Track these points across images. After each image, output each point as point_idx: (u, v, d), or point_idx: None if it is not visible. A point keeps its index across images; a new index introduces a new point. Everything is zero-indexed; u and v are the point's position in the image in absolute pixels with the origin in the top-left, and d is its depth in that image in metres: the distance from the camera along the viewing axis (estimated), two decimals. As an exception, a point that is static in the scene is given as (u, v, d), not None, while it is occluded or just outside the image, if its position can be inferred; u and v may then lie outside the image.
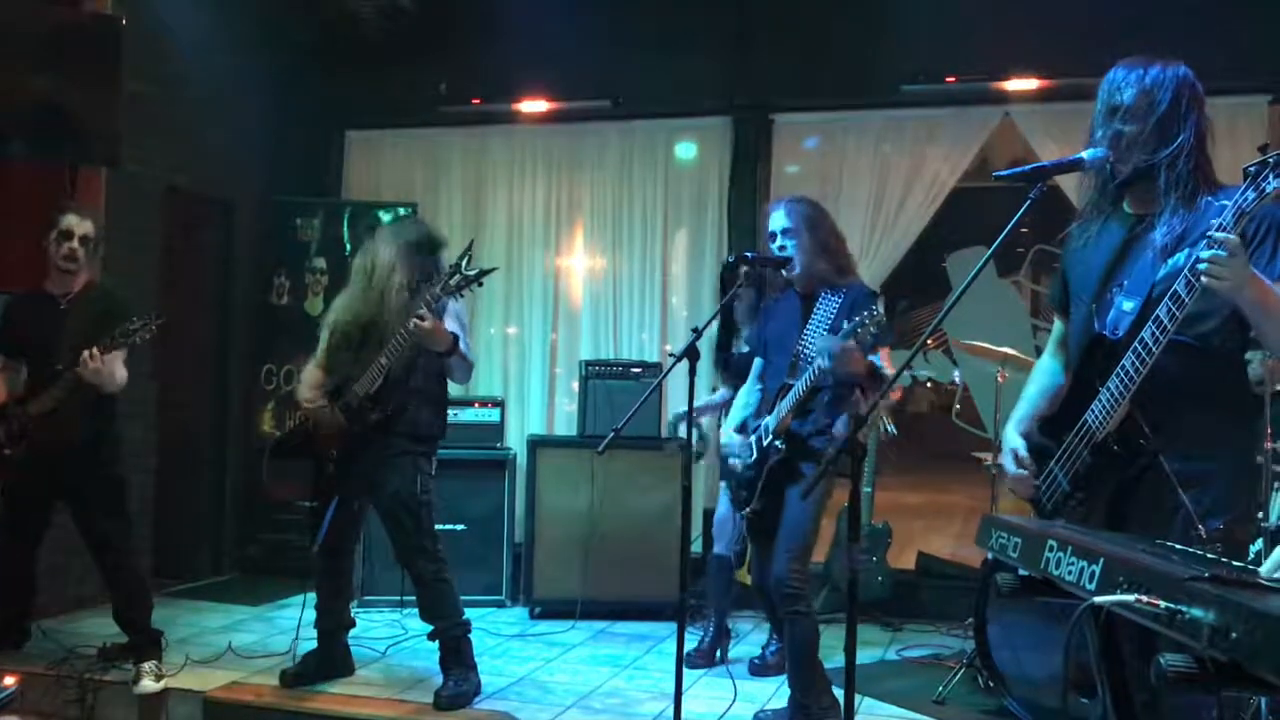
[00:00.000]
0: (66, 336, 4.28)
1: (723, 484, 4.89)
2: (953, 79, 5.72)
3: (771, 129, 6.18)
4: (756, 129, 6.17)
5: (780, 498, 3.83)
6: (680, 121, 6.40)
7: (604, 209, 6.49)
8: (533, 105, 6.42)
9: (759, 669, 4.59)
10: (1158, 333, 2.21)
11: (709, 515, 5.45)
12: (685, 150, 6.42)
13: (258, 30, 6.21)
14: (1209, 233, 2.12)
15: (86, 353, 4.12)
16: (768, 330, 4.10)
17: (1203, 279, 2.11)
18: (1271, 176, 2.05)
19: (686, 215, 6.37)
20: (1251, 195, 2.08)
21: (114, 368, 4.26)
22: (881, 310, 3.47)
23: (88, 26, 5.22)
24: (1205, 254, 2.10)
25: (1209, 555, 1.85)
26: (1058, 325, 2.75)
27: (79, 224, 4.38)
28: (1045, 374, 2.73)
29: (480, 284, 4.08)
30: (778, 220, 3.90)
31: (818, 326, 3.76)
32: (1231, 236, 2.09)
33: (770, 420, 3.83)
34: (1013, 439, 2.62)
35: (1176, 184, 2.35)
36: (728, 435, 4.09)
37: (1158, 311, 2.22)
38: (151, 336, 4.25)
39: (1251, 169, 2.08)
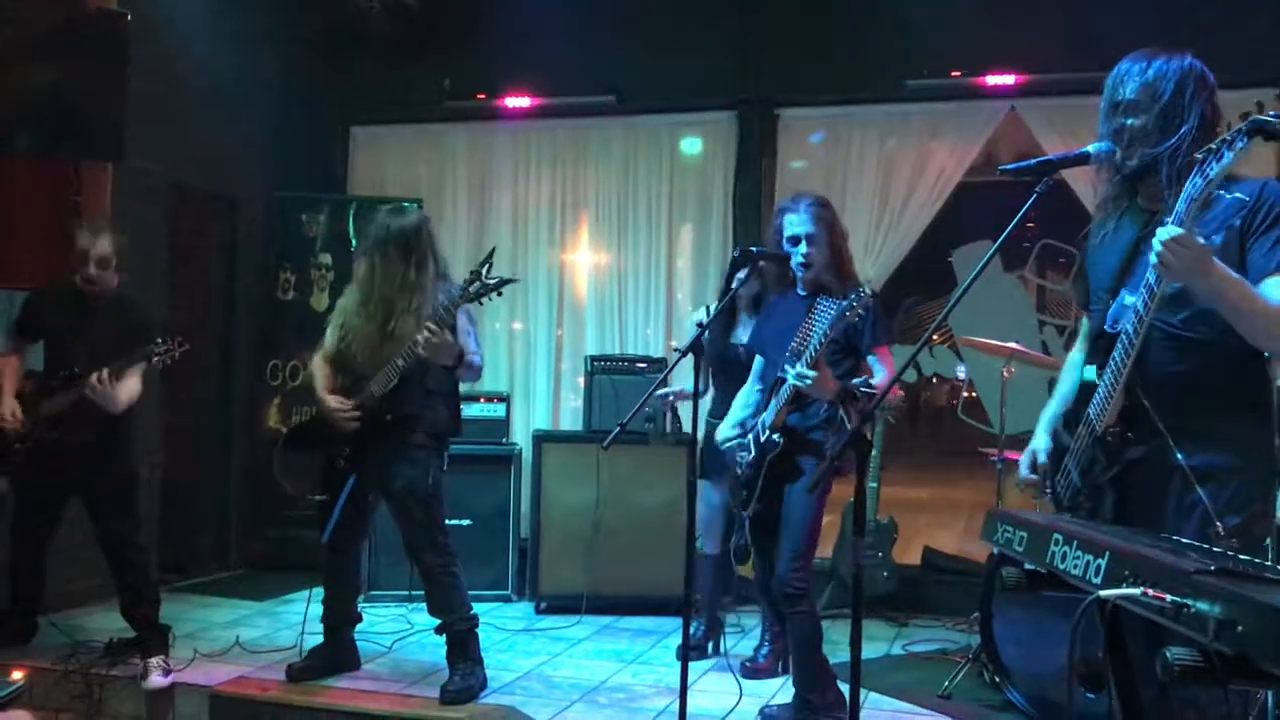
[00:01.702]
0: (88, 339, 4.30)
1: (704, 482, 4.82)
2: (958, 73, 5.71)
3: (776, 124, 6.17)
4: (761, 124, 6.15)
5: (780, 496, 3.83)
6: (685, 117, 6.39)
7: (609, 204, 6.48)
8: (538, 100, 6.42)
9: (750, 671, 4.56)
10: (1136, 323, 2.23)
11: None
12: (690, 145, 6.42)
13: (263, 26, 6.21)
14: (1164, 223, 2.13)
15: (96, 376, 4.18)
16: (767, 328, 4.08)
17: (1154, 261, 2.12)
18: (1214, 162, 2.06)
19: (691, 210, 6.36)
20: (1199, 182, 2.08)
21: (118, 393, 4.28)
22: (868, 293, 3.45)
23: (93, 22, 5.22)
24: (1159, 239, 2.10)
25: (1215, 549, 1.85)
26: (1084, 322, 2.74)
27: (93, 243, 4.34)
28: (1074, 368, 2.72)
29: (500, 293, 4.06)
30: (800, 224, 3.86)
31: (815, 325, 3.74)
32: (1177, 230, 2.08)
33: (767, 415, 3.82)
34: (1039, 440, 2.61)
35: (1179, 176, 2.34)
36: (723, 432, 4.07)
37: (1135, 303, 2.23)
38: (173, 362, 4.28)
39: (1199, 155, 2.08)
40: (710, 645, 4.92)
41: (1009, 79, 5.64)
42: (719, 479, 4.58)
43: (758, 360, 4.14)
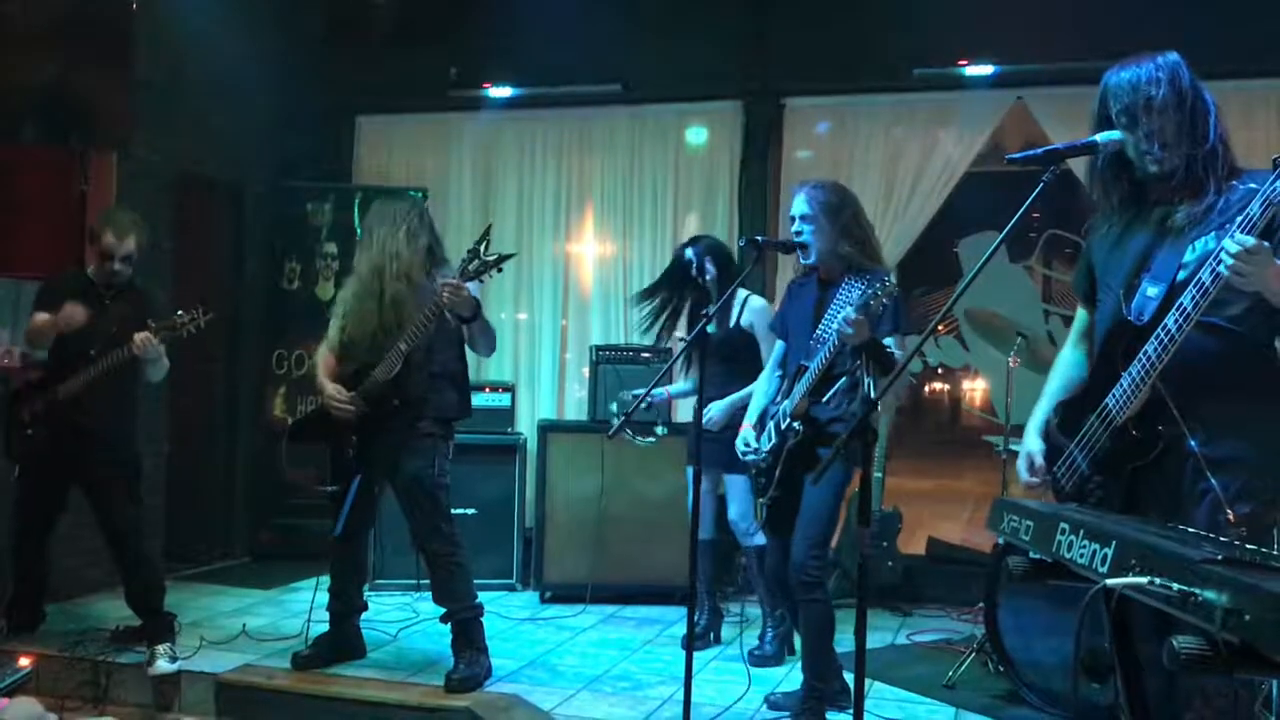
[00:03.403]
0: (104, 325, 4.32)
1: (688, 470, 4.86)
2: (964, 62, 5.69)
3: (782, 113, 6.16)
4: (767, 113, 6.14)
5: (798, 484, 3.82)
6: (691, 106, 6.38)
7: (614, 194, 6.48)
8: (543, 90, 6.40)
9: (759, 659, 4.57)
10: (1181, 319, 2.21)
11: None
12: (696, 135, 6.41)
13: (268, 15, 6.20)
14: (1232, 232, 2.11)
15: (142, 335, 4.20)
16: (788, 314, 4.08)
17: (1224, 273, 2.11)
18: None
19: (697, 200, 6.35)
20: None
21: (162, 352, 4.33)
22: (894, 280, 3.43)
23: (99, 11, 5.23)
24: (1229, 251, 2.09)
25: (1223, 539, 1.85)
26: (1080, 316, 2.73)
27: (119, 246, 4.38)
28: (1068, 367, 2.71)
29: (500, 269, 4.07)
30: (797, 205, 3.87)
31: (838, 311, 3.73)
32: (1252, 240, 2.08)
33: (787, 404, 3.82)
34: (1032, 442, 2.60)
35: (1206, 170, 2.34)
36: (745, 431, 4.06)
37: (1182, 299, 2.21)
38: (198, 331, 4.29)
39: None
40: (711, 634, 4.93)
41: (1016, 68, 5.61)
42: (705, 466, 4.56)
43: (778, 345, 4.13)
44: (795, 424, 3.77)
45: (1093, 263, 2.62)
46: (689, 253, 4.77)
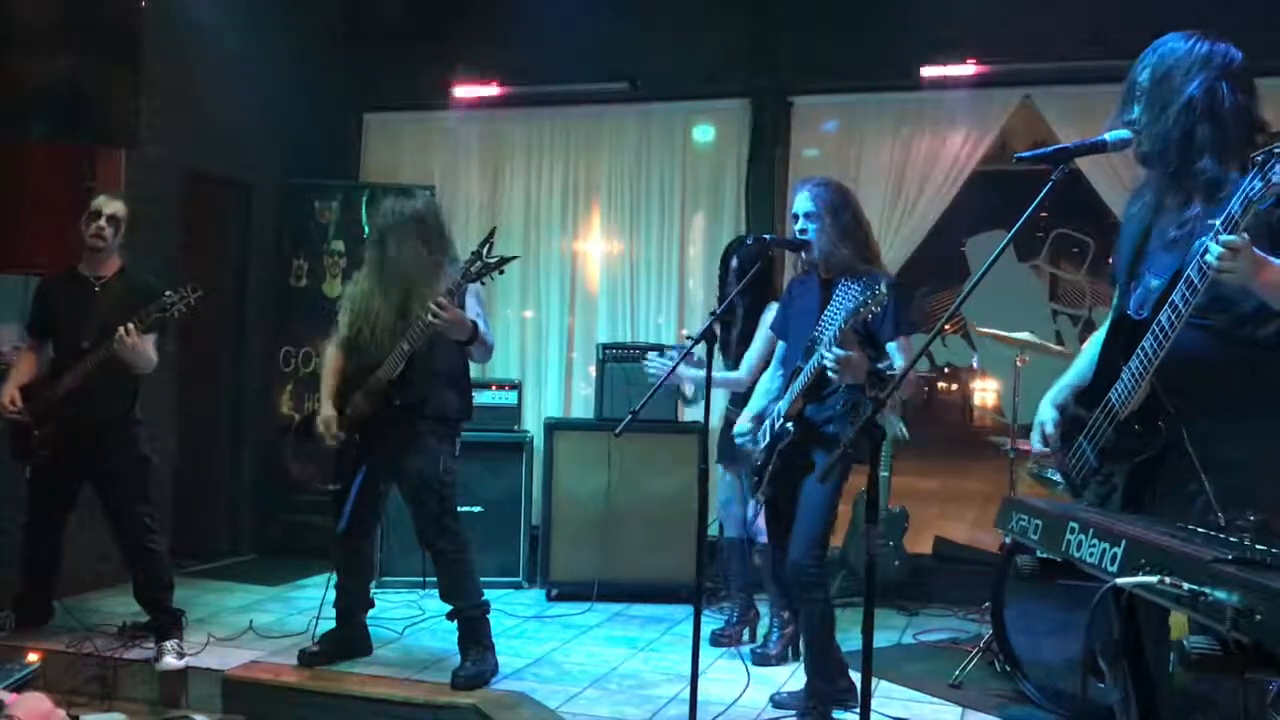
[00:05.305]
0: (97, 318, 4.32)
1: (719, 467, 4.93)
2: (972, 61, 5.67)
3: (790, 112, 6.15)
4: (775, 112, 6.13)
5: (794, 483, 3.82)
6: (698, 104, 6.37)
7: (621, 192, 6.47)
8: (550, 88, 6.40)
9: (761, 658, 4.57)
10: (1173, 316, 2.20)
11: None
12: (703, 133, 6.40)
13: (277, 13, 6.21)
14: (1215, 233, 2.10)
15: (122, 329, 4.18)
16: (788, 313, 4.07)
17: (1211, 273, 2.10)
18: (1277, 165, 2.03)
19: (704, 198, 6.35)
20: (1259, 185, 2.06)
21: (147, 348, 4.31)
22: (884, 289, 3.38)
23: (108, 8, 5.22)
24: (1212, 250, 2.08)
25: (1232, 539, 1.84)
26: (1117, 297, 2.73)
27: (107, 204, 4.44)
28: (1095, 346, 2.70)
29: (501, 271, 4.07)
30: (801, 202, 3.87)
31: (835, 312, 3.73)
32: (1235, 238, 2.07)
33: (782, 404, 3.82)
34: (1045, 412, 2.59)
35: (1186, 163, 2.33)
36: (741, 422, 4.07)
37: (1173, 295, 2.21)
38: (189, 310, 4.28)
39: (1259, 158, 2.06)
40: (746, 633, 4.92)
41: (1024, 67, 5.60)
42: (732, 464, 4.59)
43: (780, 346, 4.12)
44: (788, 424, 3.76)
45: (1119, 248, 2.62)
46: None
